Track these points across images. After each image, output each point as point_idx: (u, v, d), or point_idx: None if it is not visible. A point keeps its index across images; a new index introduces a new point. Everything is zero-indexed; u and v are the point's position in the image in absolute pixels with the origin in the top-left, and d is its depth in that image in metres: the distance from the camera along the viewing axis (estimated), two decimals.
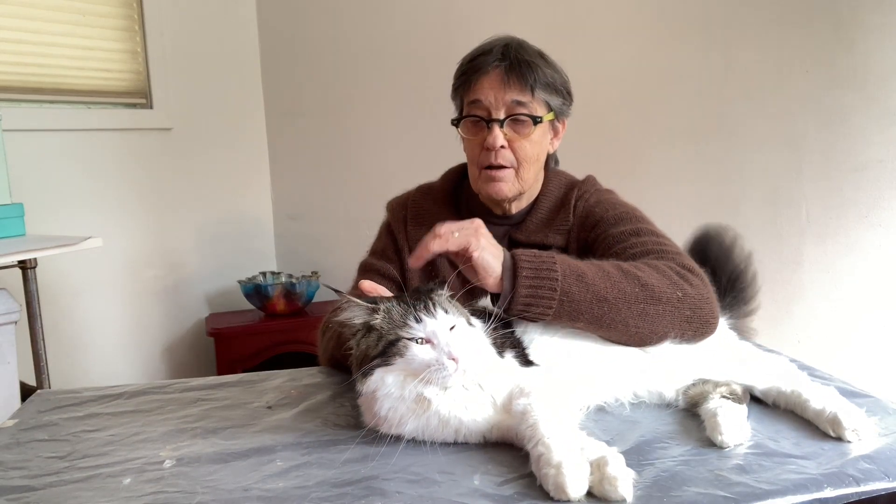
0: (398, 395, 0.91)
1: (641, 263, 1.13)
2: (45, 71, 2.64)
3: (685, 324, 1.07)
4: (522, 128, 1.32)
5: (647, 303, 1.05)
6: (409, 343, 0.91)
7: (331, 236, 3.22)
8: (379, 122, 3.08)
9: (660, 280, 1.08)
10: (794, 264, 2.30)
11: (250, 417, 1.08)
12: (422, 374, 0.89)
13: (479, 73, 1.33)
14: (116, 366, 2.87)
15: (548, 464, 0.77)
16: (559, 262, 1.05)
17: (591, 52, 2.54)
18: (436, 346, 0.90)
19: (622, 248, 1.23)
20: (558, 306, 1.02)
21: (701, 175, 2.44)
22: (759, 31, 2.29)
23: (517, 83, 1.30)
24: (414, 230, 1.43)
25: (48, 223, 2.46)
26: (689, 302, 1.08)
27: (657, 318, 1.05)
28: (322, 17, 3.14)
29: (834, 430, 0.89)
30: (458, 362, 0.89)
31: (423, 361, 0.90)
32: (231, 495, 0.82)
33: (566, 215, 1.37)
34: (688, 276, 1.11)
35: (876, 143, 2.14)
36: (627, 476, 0.75)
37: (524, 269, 1.03)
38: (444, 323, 0.92)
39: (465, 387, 0.92)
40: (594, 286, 1.04)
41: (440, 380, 0.89)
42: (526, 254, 1.06)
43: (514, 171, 1.34)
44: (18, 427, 1.09)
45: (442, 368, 0.89)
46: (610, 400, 1.04)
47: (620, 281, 1.06)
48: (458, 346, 0.90)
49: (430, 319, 0.92)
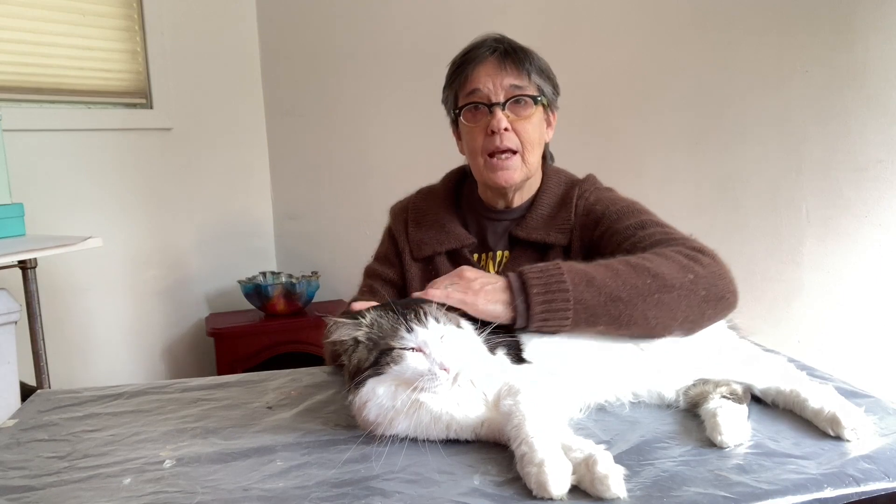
0: (389, 405, 0.92)
1: (649, 254, 1.13)
2: (45, 71, 2.64)
3: (703, 304, 1.07)
4: (523, 109, 1.33)
5: (661, 292, 1.05)
6: (403, 353, 0.92)
7: (331, 236, 3.22)
8: (379, 122, 3.08)
9: (669, 266, 1.09)
10: (793, 264, 2.30)
11: (250, 417, 1.08)
12: (414, 382, 0.90)
13: (475, 63, 1.34)
14: (116, 366, 2.87)
15: (530, 462, 0.77)
16: (566, 270, 1.05)
17: (591, 52, 2.54)
18: (427, 356, 0.91)
19: (630, 243, 1.23)
20: (574, 315, 1.03)
21: (700, 175, 2.44)
22: (758, 31, 2.29)
23: (513, 67, 1.32)
24: (415, 232, 1.43)
25: (48, 223, 2.46)
26: (703, 282, 1.08)
27: (674, 305, 1.05)
28: (322, 17, 3.14)
29: (833, 429, 0.89)
30: (450, 371, 0.90)
31: (417, 371, 0.91)
32: (231, 495, 0.82)
33: (567, 214, 1.37)
34: (697, 256, 1.12)
35: (876, 143, 2.14)
36: (617, 472, 0.76)
37: (534, 286, 1.03)
38: (435, 332, 0.93)
39: (459, 384, 0.93)
40: (606, 287, 1.04)
41: (432, 388, 0.90)
42: (532, 271, 1.06)
43: (520, 155, 1.34)
44: (18, 427, 1.09)
45: (434, 378, 0.90)
46: (610, 399, 1.04)
47: (630, 276, 1.06)
48: (449, 355, 0.91)
49: (421, 329, 0.93)
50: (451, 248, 1.40)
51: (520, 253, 1.39)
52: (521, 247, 1.39)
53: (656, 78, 2.48)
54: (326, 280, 3.10)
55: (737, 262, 1.17)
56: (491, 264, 1.42)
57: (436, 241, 1.41)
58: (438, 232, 1.42)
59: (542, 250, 1.37)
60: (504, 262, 1.41)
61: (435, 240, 1.41)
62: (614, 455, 0.86)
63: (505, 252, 1.42)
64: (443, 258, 1.41)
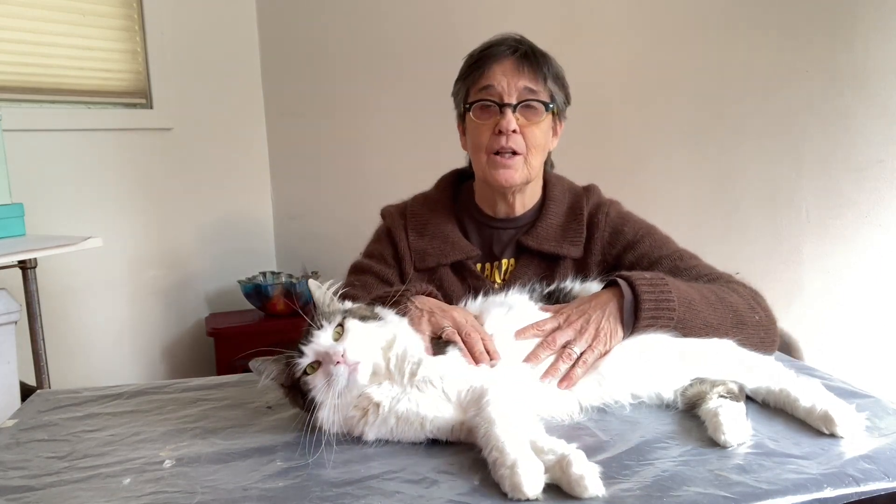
0: (342, 419, 0.93)
1: (726, 287, 1.18)
2: (45, 71, 2.64)
3: (759, 344, 1.12)
4: (534, 114, 1.33)
5: (737, 327, 1.12)
6: (307, 379, 0.94)
7: (331, 236, 3.22)
8: (379, 123, 3.08)
9: (744, 304, 1.15)
10: (793, 264, 2.30)
11: (250, 417, 1.08)
12: (333, 393, 0.91)
13: (492, 60, 1.34)
14: (116, 366, 2.87)
15: (503, 465, 0.78)
16: (674, 289, 1.08)
17: (591, 52, 2.54)
18: (324, 363, 0.93)
19: (667, 271, 1.26)
20: (673, 331, 1.07)
21: (701, 175, 2.44)
22: (758, 31, 2.29)
23: (530, 71, 1.32)
24: (416, 241, 1.42)
25: (48, 223, 2.46)
26: (764, 325, 1.15)
27: (741, 340, 1.09)
28: (322, 18, 3.14)
29: (826, 427, 0.90)
30: (347, 361, 0.91)
31: (325, 384, 0.92)
32: (231, 495, 0.82)
33: (579, 226, 1.38)
34: (759, 298, 1.20)
35: (876, 143, 2.14)
36: (592, 471, 0.76)
37: (646, 301, 1.06)
38: (323, 338, 0.94)
39: (419, 387, 0.93)
40: (702, 313, 1.09)
41: (345, 386, 0.91)
42: (643, 285, 1.08)
43: (523, 158, 1.34)
44: (18, 427, 1.09)
45: (337, 377, 0.91)
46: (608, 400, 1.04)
47: (718, 306, 1.12)
48: (339, 348, 0.92)
49: (307, 347, 0.95)
50: (455, 260, 1.40)
51: (527, 261, 1.39)
52: (529, 255, 1.39)
53: (656, 78, 2.48)
54: (326, 280, 3.09)
55: (737, 262, 1.18)
56: (497, 273, 1.41)
57: (440, 252, 1.40)
58: (442, 243, 1.40)
59: (549, 260, 1.38)
60: (510, 270, 1.40)
61: (439, 251, 1.40)
62: (614, 455, 0.86)
63: (510, 260, 1.41)
64: (447, 269, 1.40)
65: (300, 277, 3.03)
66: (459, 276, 1.39)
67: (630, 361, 1.05)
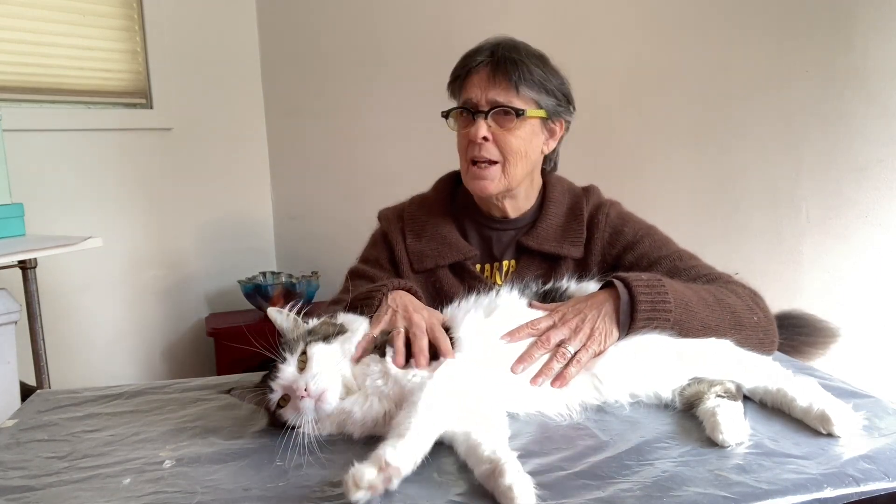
0: (327, 432, 0.97)
1: (724, 288, 1.19)
2: (45, 71, 2.64)
3: (758, 345, 1.13)
4: (506, 121, 1.32)
5: (736, 328, 1.12)
6: (280, 412, 0.96)
7: (331, 236, 3.22)
8: (379, 123, 3.08)
9: (742, 305, 1.15)
10: (794, 264, 2.30)
11: (250, 417, 1.08)
12: (308, 421, 0.94)
13: (469, 72, 1.35)
14: (116, 366, 2.87)
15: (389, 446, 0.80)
16: (670, 291, 1.08)
17: (591, 52, 2.53)
18: (292, 397, 0.95)
19: (666, 271, 1.26)
20: (669, 331, 1.07)
21: (701, 175, 2.44)
22: (758, 31, 2.29)
23: (502, 80, 1.31)
24: (414, 243, 1.42)
25: (48, 223, 2.46)
26: (762, 326, 1.16)
27: (739, 341, 1.10)
28: (322, 18, 3.14)
29: (823, 426, 0.90)
30: (311, 393, 0.94)
31: (297, 416, 0.94)
32: (231, 495, 0.82)
33: (579, 226, 1.38)
34: (758, 299, 1.20)
35: (876, 143, 2.14)
36: (523, 482, 0.74)
37: (642, 302, 1.06)
38: (287, 372, 0.96)
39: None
40: (699, 315, 1.09)
41: (315, 416, 0.94)
42: (639, 286, 1.08)
43: (501, 166, 1.33)
44: (18, 427, 1.09)
45: (305, 411, 0.94)
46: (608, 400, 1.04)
47: (716, 307, 1.12)
48: (301, 383, 0.94)
49: (274, 383, 0.97)
50: (454, 261, 1.40)
51: (528, 262, 1.39)
52: (529, 256, 1.39)
53: (656, 78, 2.48)
54: (326, 280, 3.10)
55: (736, 261, 1.18)
56: (497, 275, 1.41)
57: (438, 253, 1.40)
58: (440, 244, 1.40)
59: (550, 260, 1.38)
60: (511, 271, 1.40)
61: (437, 252, 1.40)
62: (614, 455, 0.86)
63: (511, 261, 1.41)
64: (445, 271, 1.40)
65: (300, 278, 3.03)
66: (458, 277, 1.39)
67: (627, 361, 1.05)
